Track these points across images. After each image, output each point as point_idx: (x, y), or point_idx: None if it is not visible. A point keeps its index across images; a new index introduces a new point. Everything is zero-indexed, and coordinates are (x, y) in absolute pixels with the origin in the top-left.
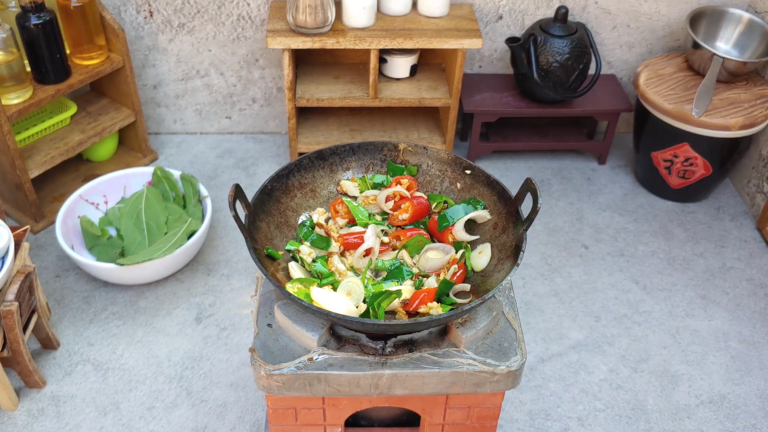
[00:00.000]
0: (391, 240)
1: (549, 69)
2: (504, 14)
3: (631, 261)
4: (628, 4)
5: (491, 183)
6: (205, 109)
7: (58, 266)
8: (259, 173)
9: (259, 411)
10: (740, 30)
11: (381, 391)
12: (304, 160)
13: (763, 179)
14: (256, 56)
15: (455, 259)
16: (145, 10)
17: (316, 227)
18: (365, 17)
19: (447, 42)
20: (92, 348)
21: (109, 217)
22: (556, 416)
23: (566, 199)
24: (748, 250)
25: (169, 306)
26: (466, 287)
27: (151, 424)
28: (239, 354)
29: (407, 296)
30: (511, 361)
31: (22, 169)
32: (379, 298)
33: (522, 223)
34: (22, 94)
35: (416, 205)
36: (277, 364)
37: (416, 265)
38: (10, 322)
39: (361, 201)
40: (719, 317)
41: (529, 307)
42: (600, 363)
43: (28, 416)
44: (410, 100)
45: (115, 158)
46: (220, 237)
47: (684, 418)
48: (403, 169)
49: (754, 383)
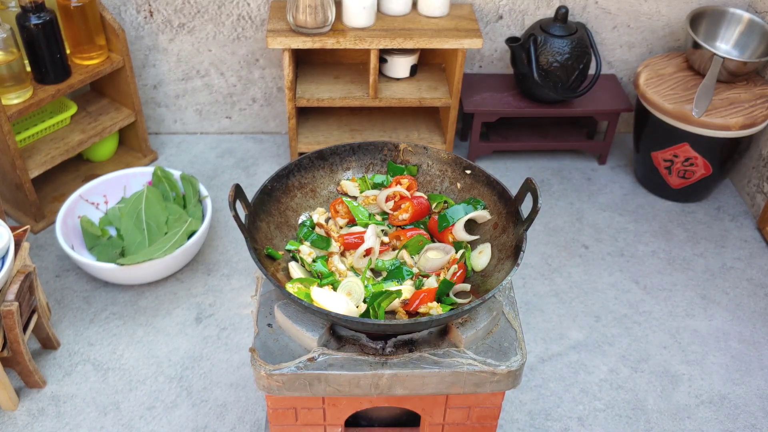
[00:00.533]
0: (391, 240)
1: (549, 69)
2: (504, 14)
3: (631, 261)
4: (628, 4)
5: (491, 183)
6: (205, 109)
7: (58, 266)
8: (259, 173)
9: (259, 411)
10: (740, 30)
11: (381, 391)
12: (304, 160)
13: (763, 179)
14: (256, 56)
15: (455, 259)
16: (145, 10)
17: (316, 227)
18: (365, 17)
19: (447, 42)
20: (92, 348)
21: (109, 217)
22: (556, 416)
23: (566, 199)
24: (748, 250)
25: (169, 306)
26: (466, 287)
27: (151, 424)
28: (239, 354)
29: (407, 296)
30: (511, 361)
31: (23, 169)
32: (379, 298)
33: (522, 223)
34: (22, 94)
35: (416, 205)
36: (277, 364)
37: (416, 265)
38: (11, 322)
39: (361, 201)
40: (719, 317)
41: (529, 307)
42: (600, 363)
43: (29, 416)
44: (410, 100)
45: (115, 158)
46: (220, 237)
47: (684, 418)
48: (403, 169)
49: (754, 383)
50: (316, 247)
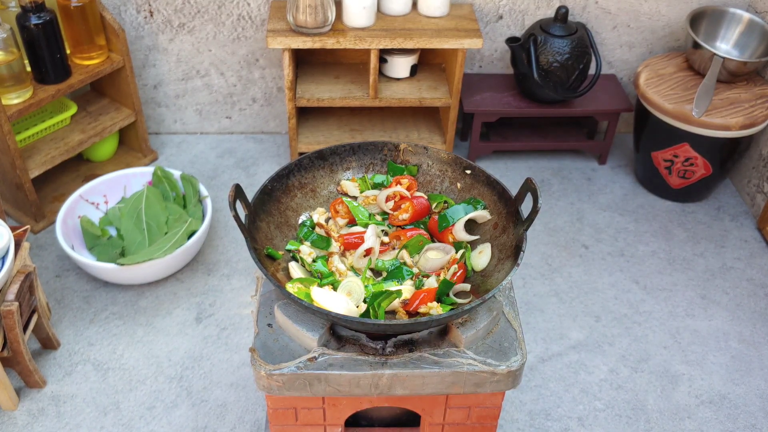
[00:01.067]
0: (391, 240)
1: (549, 69)
2: (504, 14)
3: (631, 261)
4: (628, 4)
5: (491, 183)
6: (205, 109)
7: (59, 266)
8: (259, 173)
9: (259, 411)
10: (740, 30)
11: (381, 391)
12: (304, 160)
13: (763, 179)
14: (256, 56)
15: (455, 259)
16: (145, 10)
17: (316, 227)
18: (365, 17)
19: (447, 42)
20: (92, 348)
21: (110, 217)
22: (556, 416)
23: (566, 199)
24: (748, 250)
25: (169, 306)
26: (466, 287)
27: (151, 424)
28: (239, 354)
29: (407, 296)
30: (511, 361)
31: (23, 169)
32: (379, 298)
33: (522, 223)
34: (23, 94)
35: (416, 205)
36: (278, 364)
37: (416, 265)
38: (11, 322)
39: (361, 201)
40: (719, 317)
41: (529, 307)
42: (600, 363)
43: (29, 416)
44: (410, 100)
45: (116, 158)
46: (220, 237)
47: (684, 418)
48: (403, 169)
49: (754, 383)
50: (316, 247)
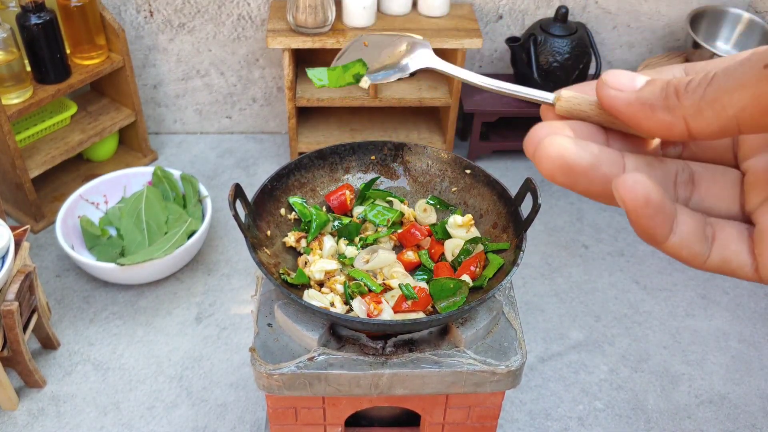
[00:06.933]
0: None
1: (549, 69)
2: (504, 14)
3: (631, 261)
4: (628, 3)
5: (491, 183)
6: (205, 109)
7: (58, 266)
8: (259, 173)
9: (259, 411)
10: (740, 30)
11: (381, 391)
12: (304, 159)
13: None
14: (256, 56)
15: (481, 253)
16: (145, 9)
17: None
18: (365, 17)
19: (447, 42)
20: (92, 348)
21: (109, 217)
22: (556, 416)
23: (566, 198)
24: None
25: (169, 306)
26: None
27: (151, 423)
28: (239, 354)
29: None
30: (511, 360)
31: (22, 168)
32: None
33: (522, 223)
34: (23, 93)
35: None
36: (277, 364)
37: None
38: (11, 322)
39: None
40: (719, 317)
41: (529, 307)
42: (600, 363)
43: (29, 416)
44: (410, 99)
45: (115, 158)
46: (220, 237)
47: (684, 418)
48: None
49: (755, 383)
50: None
